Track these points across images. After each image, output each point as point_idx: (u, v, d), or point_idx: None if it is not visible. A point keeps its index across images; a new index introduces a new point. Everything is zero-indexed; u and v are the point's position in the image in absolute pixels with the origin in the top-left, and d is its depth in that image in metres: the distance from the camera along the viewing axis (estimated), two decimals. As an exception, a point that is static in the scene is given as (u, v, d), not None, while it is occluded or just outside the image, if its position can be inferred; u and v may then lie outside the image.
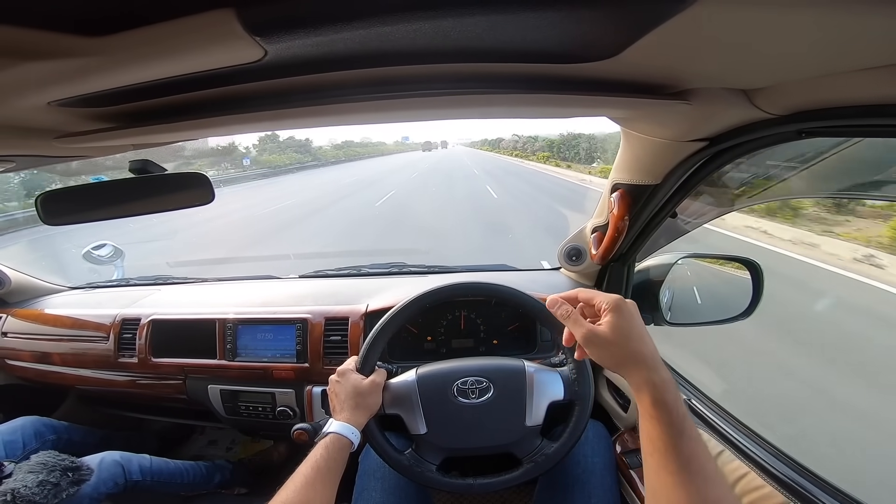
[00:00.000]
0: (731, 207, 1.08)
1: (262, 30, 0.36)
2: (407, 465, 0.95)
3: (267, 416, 1.42)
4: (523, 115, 0.72)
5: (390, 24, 0.37)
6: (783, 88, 0.58)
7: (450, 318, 1.39)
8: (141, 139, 0.71)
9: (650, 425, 0.58)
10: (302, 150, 57.40)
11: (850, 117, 0.56)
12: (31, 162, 0.84)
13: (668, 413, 0.57)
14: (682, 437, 0.56)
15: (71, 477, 1.24)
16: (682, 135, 0.79)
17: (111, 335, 1.55)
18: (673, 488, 0.54)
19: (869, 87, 0.50)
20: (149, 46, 0.38)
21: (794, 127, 0.63)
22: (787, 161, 0.88)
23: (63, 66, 0.39)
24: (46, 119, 0.59)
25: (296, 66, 0.47)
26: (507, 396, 0.98)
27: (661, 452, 0.56)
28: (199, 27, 0.35)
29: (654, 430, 0.57)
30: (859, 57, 0.45)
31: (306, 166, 42.83)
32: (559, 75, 0.55)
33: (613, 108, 0.72)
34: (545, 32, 0.42)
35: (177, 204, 0.93)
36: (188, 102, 0.58)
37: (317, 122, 0.66)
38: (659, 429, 0.57)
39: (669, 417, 0.57)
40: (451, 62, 0.49)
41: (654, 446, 0.57)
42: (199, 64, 0.42)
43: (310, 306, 1.46)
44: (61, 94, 0.48)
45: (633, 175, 0.98)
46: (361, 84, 0.55)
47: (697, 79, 0.59)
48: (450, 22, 0.38)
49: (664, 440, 0.56)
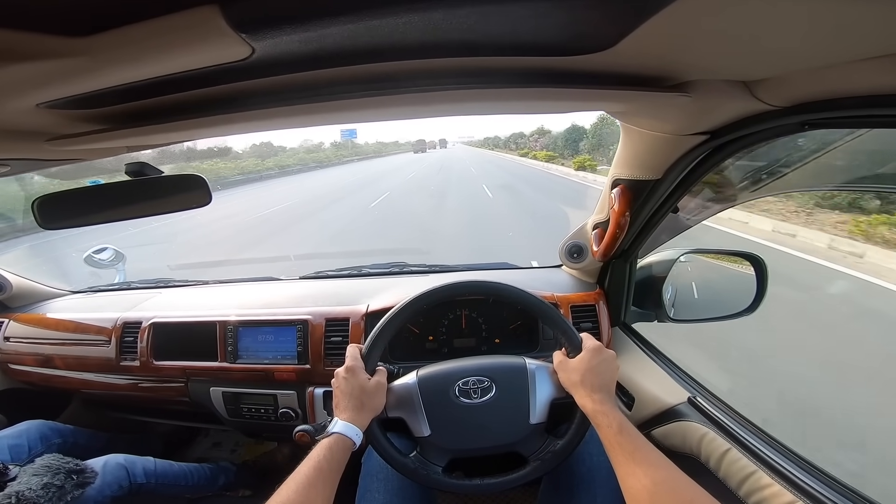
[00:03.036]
0: (734, 202, 1.06)
1: (249, 27, 0.35)
2: (413, 468, 0.94)
3: (269, 418, 1.42)
4: (519, 110, 0.72)
5: (379, 18, 0.36)
6: (785, 79, 0.57)
7: (451, 317, 1.38)
8: (133, 141, 0.70)
9: (601, 434, 0.79)
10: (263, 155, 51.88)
11: (854, 108, 0.55)
12: (25, 165, 0.84)
13: (606, 418, 0.79)
14: (622, 432, 0.75)
15: (75, 480, 1.24)
16: (682, 128, 0.77)
17: (113, 339, 1.56)
18: (625, 478, 0.70)
19: (873, 76, 0.49)
20: (134, 45, 0.37)
21: (797, 119, 0.62)
22: (791, 153, 0.87)
23: (49, 67, 0.39)
24: (36, 121, 0.59)
25: (285, 63, 0.46)
26: (510, 395, 0.97)
27: (610, 451, 0.76)
28: (183, 25, 0.34)
29: (603, 436, 0.78)
30: (862, 46, 0.44)
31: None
32: (555, 68, 0.54)
33: (612, 102, 0.71)
34: (538, 23, 0.41)
35: (174, 206, 0.92)
36: (179, 103, 0.57)
37: (310, 121, 0.65)
38: (603, 433, 0.78)
39: (607, 420, 0.78)
40: (443, 56, 0.48)
41: (607, 448, 0.77)
42: (186, 63, 0.42)
43: (310, 307, 1.45)
44: (49, 95, 0.48)
45: (633, 170, 0.97)
46: (353, 81, 0.55)
47: (696, 70, 0.57)
48: (440, 14, 0.37)
49: (607, 441, 0.77)
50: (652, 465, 0.69)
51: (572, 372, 0.90)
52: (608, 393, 0.86)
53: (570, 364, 0.92)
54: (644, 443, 0.74)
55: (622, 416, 0.79)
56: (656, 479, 0.66)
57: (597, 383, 0.86)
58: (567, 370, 0.92)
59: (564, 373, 0.92)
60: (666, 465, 0.70)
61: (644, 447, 0.73)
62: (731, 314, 1.21)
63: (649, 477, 0.67)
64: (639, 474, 0.68)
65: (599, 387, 0.86)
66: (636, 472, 0.68)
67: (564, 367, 0.93)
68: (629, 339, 1.36)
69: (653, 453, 0.71)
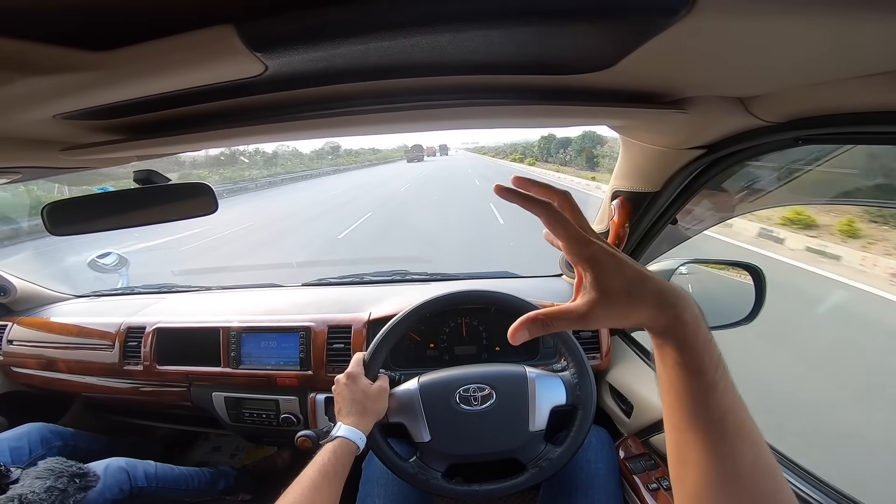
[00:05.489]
0: (732, 213, 1.08)
1: (263, 46, 0.36)
2: (412, 472, 0.95)
3: (271, 424, 1.43)
4: (523, 125, 0.73)
5: (388, 40, 0.38)
6: (779, 96, 0.58)
7: (452, 325, 1.39)
8: (145, 151, 0.72)
9: (673, 373, 0.44)
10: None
11: (847, 124, 0.56)
12: (37, 173, 0.85)
13: (697, 358, 0.42)
14: (716, 389, 0.42)
15: (78, 483, 1.25)
16: (680, 143, 0.79)
17: (116, 343, 1.57)
18: (703, 452, 0.41)
19: (866, 94, 0.50)
20: (151, 61, 0.38)
21: (791, 134, 0.63)
22: (787, 167, 0.88)
23: (67, 80, 0.40)
24: (52, 131, 0.60)
25: (296, 79, 0.48)
26: (510, 403, 0.98)
27: (687, 409, 0.43)
28: (200, 43, 0.35)
29: (678, 380, 0.43)
30: (856, 64, 0.46)
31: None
32: (557, 86, 0.56)
33: (612, 118, 0.73)
34: (540, 46, 0.42)
35: (180, 214, 0.94)
36: (191, 115, 0.59)
37: (319, 134, 0.67)
38: (686, 378, 0.43)
39: (699, 363, 0.42)
40: (449, 75, 0.50)
41: (679, 401, 0.43)
42: (200, 78, 0.43)
43: (313, 314, 1.47)
44: (66, 107, 0.49)
45: (633, 182, 0.99)
46: (362, 96, 0.56)
47: (693, 88, 0.59)
48: (446, 37, 0.38)
49: (691, 394, 0.43)
50: (745, 438, 0.42)
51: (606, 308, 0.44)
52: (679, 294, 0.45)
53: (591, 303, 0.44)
54: (739, 400, 0.43)
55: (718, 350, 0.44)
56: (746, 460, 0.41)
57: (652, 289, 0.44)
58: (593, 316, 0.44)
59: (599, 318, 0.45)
60: (762, 441, 0.42)
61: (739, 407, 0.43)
62: (730, 323, 1.22)
63: (739, 457, 0.41)
64: (724, 450, 0.41)
65: (661, 290, 0.44)
66: (718, 445, 0.41)
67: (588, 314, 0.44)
68: (628, 347, 1.37)
69: (748, 420, 0.43)
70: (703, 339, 0.43)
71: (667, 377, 0.45)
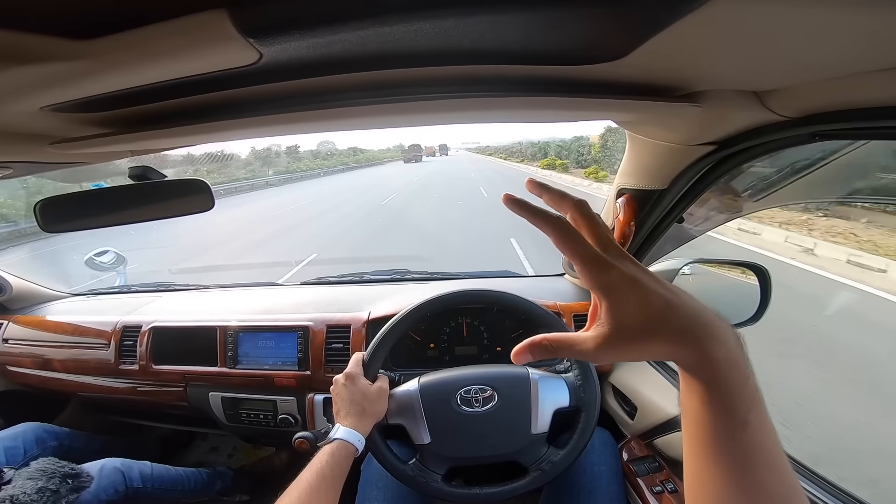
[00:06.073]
0: (740, 212, 1.06)
1: (256, 31, 0.34)
2: (411, 475, 0.93)
3: (268, 424, 1.41)
4: (527, 118, 0.71)
5: (389, 25, 0.36)
6: (797, 90, 0.56)
7: (453, 325, 1.37)
8: (138, 145, 0.70)
9: (698, 406, 0.38)
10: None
11: (866, 119, 0.54)
12: (28, 168, 0.83)
13: (727, 398, 0.37)
14: (747, 428, 0.36)
15: (70, 484, 1.23)
16: (690, 138, 0.77)
17: (112, 342, 1.55)
18: (724, 486, 0.37)
19: (886, 87, 0.48)
20: (140, 49, 0.37)
21: (808, 129, 0.61)
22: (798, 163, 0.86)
23: (53, 69, 0.38)
24: (40, 124, 0.58)
25: (293, 69, 0.46)
26: (512, 404, 0.96)
27: (711, 444, 0.38)
28: (190, 29, 0.33)
29: (702, 414, 0.38)
30: (878, 57, 0.44)
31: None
32: (564, 77, 0.54)
33: (620, 112, 0.71)
34: (549, 33, 0.40)
35: (177, 211, 0.92)
36: (184, 107, 0.57)
37: (317, 127, 0.65)
38: (711, 415, 0.38)
39: (730, 403, 0.37)
40: (453, 64, 0.48)
41: (702, 432, 0.38)
42: (192, 67, 0.41)
43: (311, 313, 1.45)
44: (53, 98, 0.47)
45: (639, 180, 0.97)
46: (362, 88, 0.54)
47: (708, 81, 0.57)
48: (451, 22, 0.36)
49: (716, 431, 0.38)
50: (772, 468, 0.37)
51: (624, 341, 0.39)
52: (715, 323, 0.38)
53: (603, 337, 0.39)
54: (770, 434, 0.38)
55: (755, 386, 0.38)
56: (770, 491, 0.37)
57: (682, 319, 0.38)
58: (608, 350, 0.39)
59: (614, 353, 0.40)
60: (788, 470, 0.38)
61: (768, 442, 0.37)
62: (735, 324, 1.20)
63: (762, 489, 0.37)
64: (745, 485, 0.37)
65: (695, 318, 0.38)
66: (741, 480, 0.37)
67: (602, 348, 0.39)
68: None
69: (775, 449, 0.38)
70: (737, 378, 0.37)
71: (690, 407, 0.40)
